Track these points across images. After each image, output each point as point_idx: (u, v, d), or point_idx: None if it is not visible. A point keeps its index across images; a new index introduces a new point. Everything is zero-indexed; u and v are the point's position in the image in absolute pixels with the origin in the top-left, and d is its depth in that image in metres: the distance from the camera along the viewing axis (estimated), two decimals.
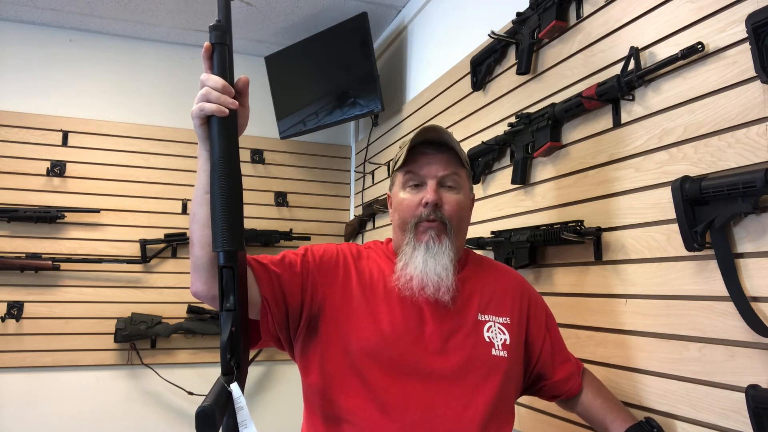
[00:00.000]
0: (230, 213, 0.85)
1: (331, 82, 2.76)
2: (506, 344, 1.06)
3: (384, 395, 0.98)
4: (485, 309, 1.09)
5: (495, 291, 1.12)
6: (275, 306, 1.01)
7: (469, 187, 1.15)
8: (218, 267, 0.85)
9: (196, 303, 2.78)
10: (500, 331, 1.07)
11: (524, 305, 1.14)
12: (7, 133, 2.66)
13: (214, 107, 0.89)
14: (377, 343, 1.01)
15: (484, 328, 1.06)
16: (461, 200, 1.09)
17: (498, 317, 1.09)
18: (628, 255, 1.25)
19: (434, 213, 1.06)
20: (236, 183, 0.87)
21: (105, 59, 2.89)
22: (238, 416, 0.79)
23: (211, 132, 0.89)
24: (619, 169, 1.29)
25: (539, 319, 1.16)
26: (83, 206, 2.69)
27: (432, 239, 1.05)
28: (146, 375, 2.72)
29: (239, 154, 0.91)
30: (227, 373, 0.82)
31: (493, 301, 1.10)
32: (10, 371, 2.55)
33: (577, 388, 1.16)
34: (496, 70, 1.84)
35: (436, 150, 1.09)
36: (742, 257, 1.00)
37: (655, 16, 1.21)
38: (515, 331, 1.09)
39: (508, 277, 1.18)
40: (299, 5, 2.66)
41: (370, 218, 2.85)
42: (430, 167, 1.08)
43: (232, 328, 0.83)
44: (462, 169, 1.11)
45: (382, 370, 1.00)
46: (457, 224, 1.08)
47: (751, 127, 0.99)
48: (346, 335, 1.02)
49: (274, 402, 2.90)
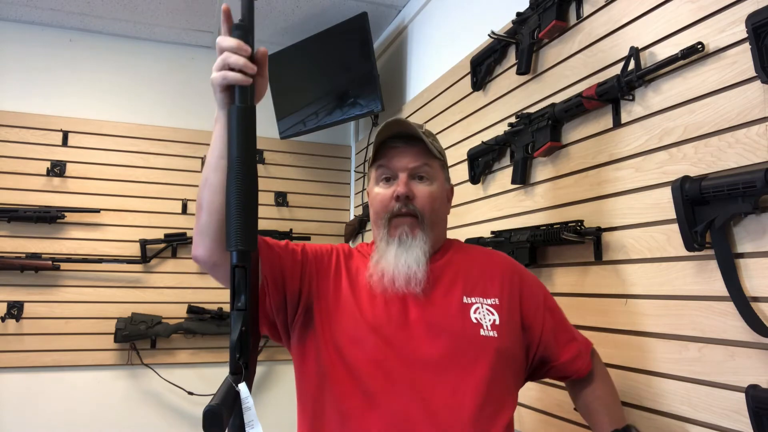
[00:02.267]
0: (245, 213, 0.85)
1: (331, 82, 2.76)
2: (495, 324, 1.04)
3: (370, 382, 0.98)
4: (471, 291, 1.07)
5: (482, 273, 1.10)
6: (274, 288, 1.02)
7: (443, 177, 1.14)
8: (231, 266, 0.85)
9: (196, 303, 2.78)
10: (489, 312, 1.05)
11: (515, 285, 1.10)
12: (7, 133, 2.66)
13: (238, 77, 0.87)
14: (362, 331, 1.02)
15: (470, 310, 1.04)
16: (434, 191, 1.09)
17: (486, 299, 1.06)
18: (628, 255, 1.25)
19: (406, 206, 1.05)
20: (253, 183, 0.87)
21: (105, 59, 2.89)
22: (246, 416, 0.79)
23: (230, 125, 0.88)
24: (619, 169, 1.29)
25: (535, 299, 1.12)
26: (83, 206, 2.68)
27: (405, 233, 1.05)
28: (146, 375, 2.72)
29: (256, 149, 0.89)
30: (236, 373, 0.81)
31: (480, 283, 1.08)
32: (10, 371, 2.55)
33: (585, 368, 1.12)
34: (496, 70, 1.84)
35: (405, 143, 1.08)
36: (742, 257, 1.00)
37: (655, 16, 1.22)
38: (506, 311, 1.06)
39: (497, 259, 1.16)
40: (299, 5, 2.66)
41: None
42: (401, 160, 1.08)
43: (243, 327, 0.82)
44: (434, 159, 1.10)
45: (367, 358, 1.00)
46: (430, 216, 1.07)
47: (751, 127, 0.99)
48: (336, 326, 1.03)
49: (274, 402, 2.90)
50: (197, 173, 2.92)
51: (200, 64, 3.05)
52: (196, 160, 2.93)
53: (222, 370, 2.72)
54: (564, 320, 1.17)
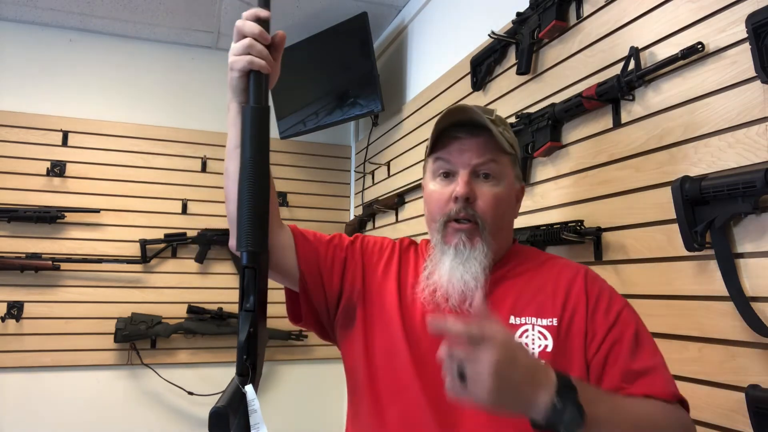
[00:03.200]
0: (256, 214, 0.84)
1: (331, 82, 2.76)
2: (546, 351, 0.86)
3: (390, 410, 0.91)
4: (522, 310, 0.91)
5: (542, 287, 0.93)
6: (313, 284, 0.98)
7: (513, 175, 0.98)
8: (240, 267, 0.84)
9: (196, 303, 2.78)
10: (540, 336, 0.87)
11: (580, 301, 0.90)
12: (7, 133, 2.66)
13: (263, 63, 0.87)
14: (398, 344, 0.93)
15: (516, 334, 0.88)
16: (500, 193, 0.94)
17: (540, 319, 0.89)
18: (628, 255, 1.25)
19: (465, 210, 0.92)
20: (264, 185, 0.86)
21: (105, 59, 2.89)
22: (251, 419, 0.78)
23: (243, 126, 0.87)
24: (619, 169, 1.29)
25: (598, 320, 0.89)
26: (83, 206, 2.68)
27: (463, 243, 0.92)
28: (146, 375, 2.72)
29: (268, 150, 0.89)
30: (243, 374, 0.81)
31: (536, 300, 0.91)
32: (10, 371, 2.55)
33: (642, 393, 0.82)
34: (496, 70, 1.84)
35: (469, 133, 0.93)
36: (742, 257, 1.00)
37: (655, 16, 1.21)
38: (564, 334, 0.88)
39: (566, 271, 0.96)
40: (299, 5, 2.66)
41: (370, 218, 2.85)
42: (462, 154, 0.93)
43: (251, 329, 0.81)
44: (503, 155, 0.95)
45: (394, 381, 0.92)
46: (493, 222, 0.93)
47: (751, 127, 0.99)
48: (371, 332, 0.97)
49: (274, 402, 2.90)
50: (197, 173, 2.93)
51: (200, 64, 3.05)
52: (196, 160, 2.93)
53: (222, 370, 2.74)
54: (628, 358, 0.85)
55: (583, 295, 0.91)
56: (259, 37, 0.88)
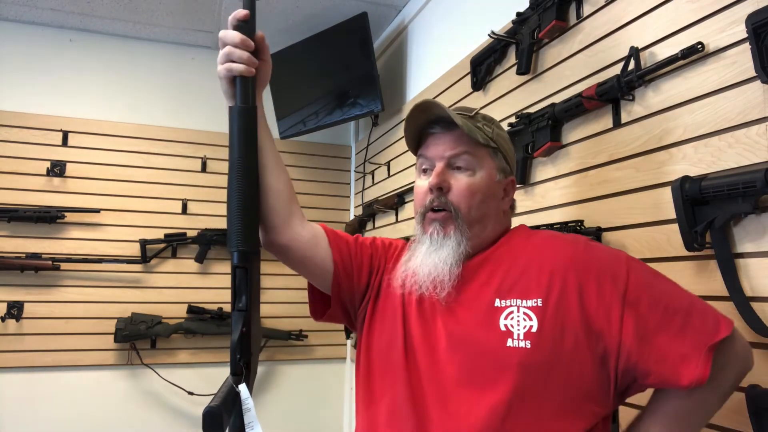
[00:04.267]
0: (247, 214, 0.85)
1: (331, 82, 2.76)
2: (531, 332, 0.84)
3: (384, 400, 0.93)
4: (507, 292, 0.89)
5: (527, 267, 0.91)
6: (345, 275, 1.02)
7: (495, 167, 0.98)
8: (232, 266, 0.85)
9: (196, 303, 2.78)
10: (525, 317, 0.85)
11: (570, 278, 0.87)
12: (7, 133, 2.66)
13: (242, 68, 0.91)
14: (396, 340, 0.96)
15: (501, 316, 0.87)
16: (474, 183, 0.95)
17: (525, 300, 0.87)
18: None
19: (438, 199, 0.95)
20: (253, 185, 0.87)
21: (105, 59, 2.89)
22: (245, 417, 0.79)
23: (230, 127, 0.90)
24: (619, 169, 1.29)
25: (608, 290, 0.85)
26: (83, 206, 2.68)
27: (437, 231, 0.95)
28: (146, 375, 2.72)
29: (257, 150, 0.92)
30: (236, 374, 0.81)
31: (521, 281, 0.89)
32: (10, 371, 2.55)
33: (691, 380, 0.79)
34: (496, 70, 1.84)
35: (444, 128, 0.97)
36: (742, 257, 1.00)
37: (655, 16, 1.22)
38: (551, 314, 0.85)
39: (558, 244, 0.94)
40: (299, 5, 2.66)
41: (370, 218, 2.85)
42: (437, 148, 0.97)
43: (243, 328, 0.82)
44: (479, 147, 0.96)
45: (390, 377, 0.94)
46: (467, 211, 0.94)
47: (751, 127, 0.99)
48: (374, 327, 1.01)
49: (273, 402, 2.90)
50: (197, 173, 2.93)
51: (200, 64, 3.05)
52: (196, 160, 2.93)
53: (222, 370, 2.73)
54: (662, 321, 0.83)
55: (581, 271, 0.88)
56: (239, 43, 0.91)
